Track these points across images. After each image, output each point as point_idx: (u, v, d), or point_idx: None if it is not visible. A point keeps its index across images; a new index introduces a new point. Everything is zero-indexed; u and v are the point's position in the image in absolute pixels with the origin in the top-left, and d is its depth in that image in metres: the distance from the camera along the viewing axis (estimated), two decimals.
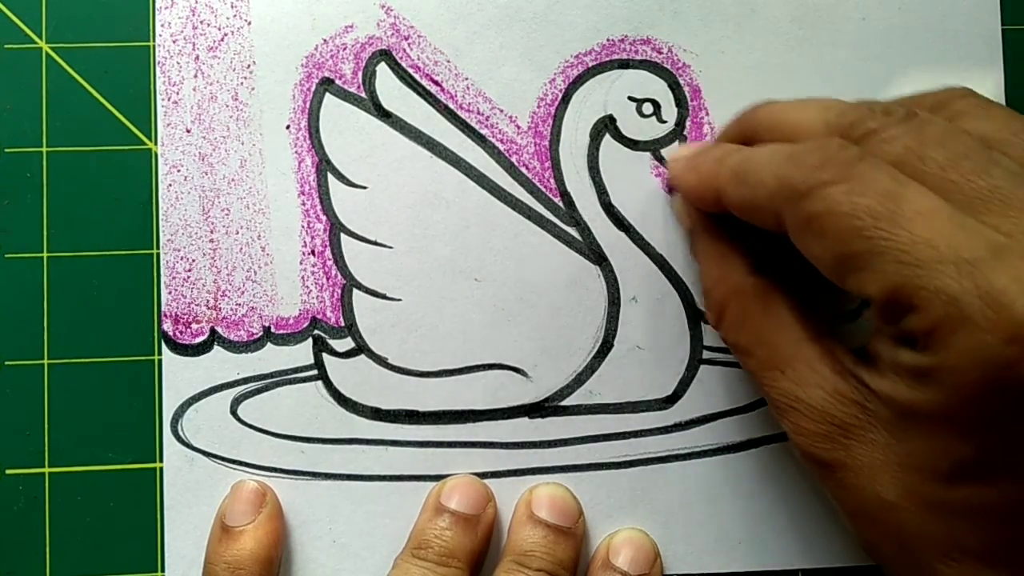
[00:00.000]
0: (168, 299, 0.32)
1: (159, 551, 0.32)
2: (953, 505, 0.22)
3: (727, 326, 0.28)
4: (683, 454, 0.32)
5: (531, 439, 0.32)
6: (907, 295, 0.21)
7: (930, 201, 0.21)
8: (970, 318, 0.20)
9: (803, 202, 0.23)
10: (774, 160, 0.24)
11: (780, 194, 0.24)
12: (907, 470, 0.22)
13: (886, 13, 0.33)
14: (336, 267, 0.32)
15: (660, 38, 0.33)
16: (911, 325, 0.21)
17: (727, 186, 0.26)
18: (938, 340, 0.21)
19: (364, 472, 0.32)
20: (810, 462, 0.25)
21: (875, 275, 0.22)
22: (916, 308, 0.21)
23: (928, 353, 0.21)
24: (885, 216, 0.21)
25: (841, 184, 0.22)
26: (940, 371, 0.21)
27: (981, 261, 0.20)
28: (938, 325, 0.21)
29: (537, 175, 0.32)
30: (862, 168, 0.22)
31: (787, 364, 0.25)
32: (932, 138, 0.23)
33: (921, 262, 0.21)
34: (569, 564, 0.30)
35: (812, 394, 0.24)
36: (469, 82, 0.33)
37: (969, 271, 0.20)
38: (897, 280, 0.21)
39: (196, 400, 0.32)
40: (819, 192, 0.23)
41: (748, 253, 0.28)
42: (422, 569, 0.29)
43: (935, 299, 0.20)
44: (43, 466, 0.32)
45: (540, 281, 0.32)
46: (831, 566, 0.32)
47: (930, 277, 0.21)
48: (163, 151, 0.32)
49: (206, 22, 0.32)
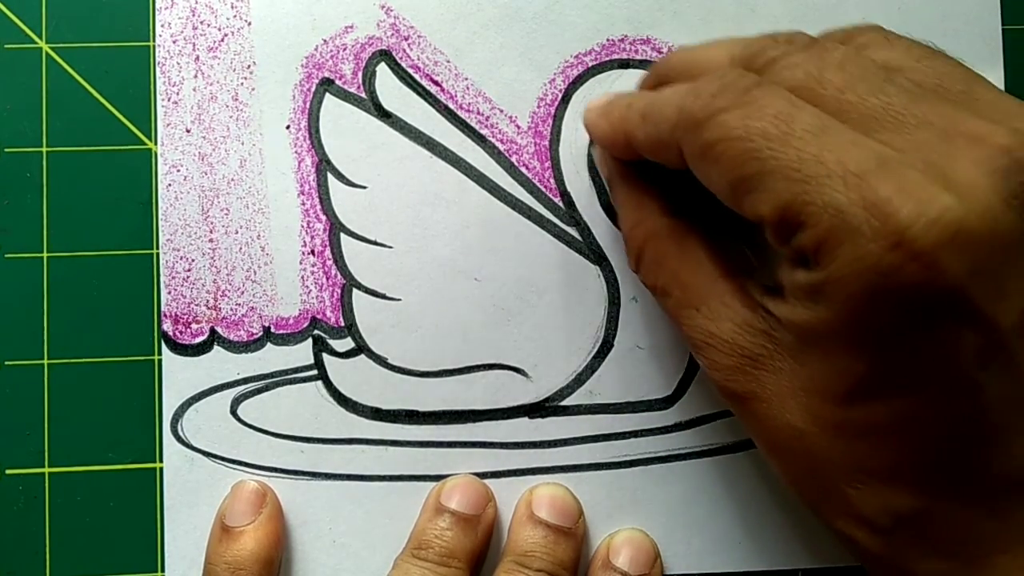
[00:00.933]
0: (168, 299, 0.32)
1: (159, 551, 0.32)
2: (854, 426, 0.22)
3: (645, 268, 0.28)
4: (683, 454, 0.32)
5: (531, 439, 0.32)
6: (796, 211, 0.21)
7: (822, 120, 0.22)
8: (855, 228, 0.20)
9: (700, 131, 0.23)
10: (676, 94, 0.25)
11: (680, 126, 0.24)
12: (810, 394, 0.23)
13: (886, 13, 0.33)
14: (336, 267, 0.32)
15: (660, 38, 0.33)
16: (801, 242, 0.21)
17: (635, 128, 0.27)
18: (826, 254, 0.21)
19: (364, 472, 0.32)
20: (727, 397, 0.25)
21: (766, 195, 0.22)
22: (804, 224, 0.21)
23: (818, 269, 0.21)
24: (776, 137, 0.22)
25: (736, 110, 0.22)
26: (828, 285, 0.21)
27: (868, 173, 0.20)
28: (826, 239, 0.21)
29: (537, 175, 0.32)
30: (757, 93, 0.23)
31: (702, 301, 0.26)
32: (831, 63, 0.23)
33: (809, 178, 0.21)
34: (569, 564, 0.30)
35: (724, 328, 0.25)
36: (469, 82, 0.33)
37: (856, 183, 0.20)
38: (786, 197, 0.21)
39: (196, 400, 0.32)
40: (715, 119, 0.23)
41: (663, 197, 0.28)
42: (422, 569, 0.29)
43: (822, 213, 0.21)
44: (43, 466, 0.32)
45: (540, 281, 0.32)
46: (831, 566, 0.32)
47: (818, 192, 0.21)
48: (163, 151, 0.32)
49: (206, 22, 0.32)
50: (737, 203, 0.23)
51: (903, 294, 0.20)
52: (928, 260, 0.20)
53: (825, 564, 0.32)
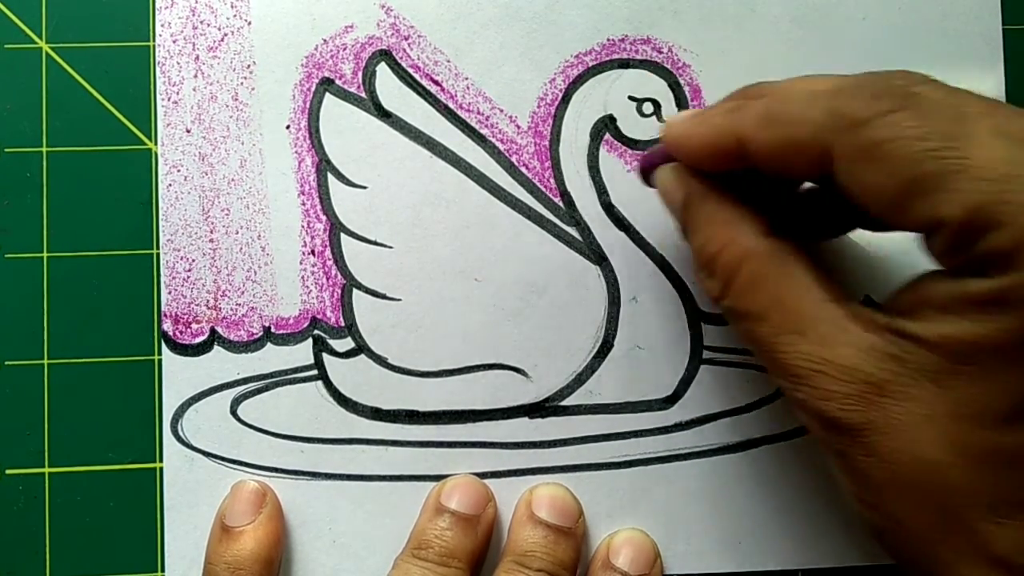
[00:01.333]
0: (168, 299, 0.32)
1: (159, 551, 0.32)
2: (1006, 452, 0.21)
3: (737, 292, 0.26)
4: (683, 454, 0.32)
5: (531, 439, 0.32)
6: (989, 211, 0.20)
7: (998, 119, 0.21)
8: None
9: (863, 130, 0.22)
10: (818, 97, 0.24)
11: (832, 127, 0.23)
12: (956, 420, 0.21)
13: (886, 13, 0.33)
14: (336, 267, 0.32)
15: (660, 38, 0.33)
16: (992, 244, 0.20)
17: (754, 131, 0.25)
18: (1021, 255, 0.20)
19: (364, 472, 0.32)
20: (835, 430, 0.23)
21: (951, 195, 0.21)
22: (1000, 224, 0.20)
23: (1010, 272, 0.20)
24: (958, 135, 0.21)
25: (908, 110, 0.22)
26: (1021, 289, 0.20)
27: None
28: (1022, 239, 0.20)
29: (537, 175, 0.32)
30: (923, 93, 0.22)
31: (809, 326, 0.24)
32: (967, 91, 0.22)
33: (1003, 177, 0.20)
34: (569, 564, 0.30)
35: (841, 352, 0.23)
36: (469, 82, 0.33)
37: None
38: (977, 198, 0.20)
39: (196, 400, 0.32)
40: (882, 119, 0.22)
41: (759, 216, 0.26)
42: (422, 569, 0.29)
43: (1021, 212, 0.20)
44: (43, 466, 0.32)
45: (540, 281, 0.32)
46: (831, 566, 0.32)
47: (1014, 191, 0.20)
48: (163, 151, 0.32)
49: (206, 22, 0.32)
50: (904, 208, 0.22)
51: None
52: None
53: (825, 564, 0.32)
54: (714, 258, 0.26)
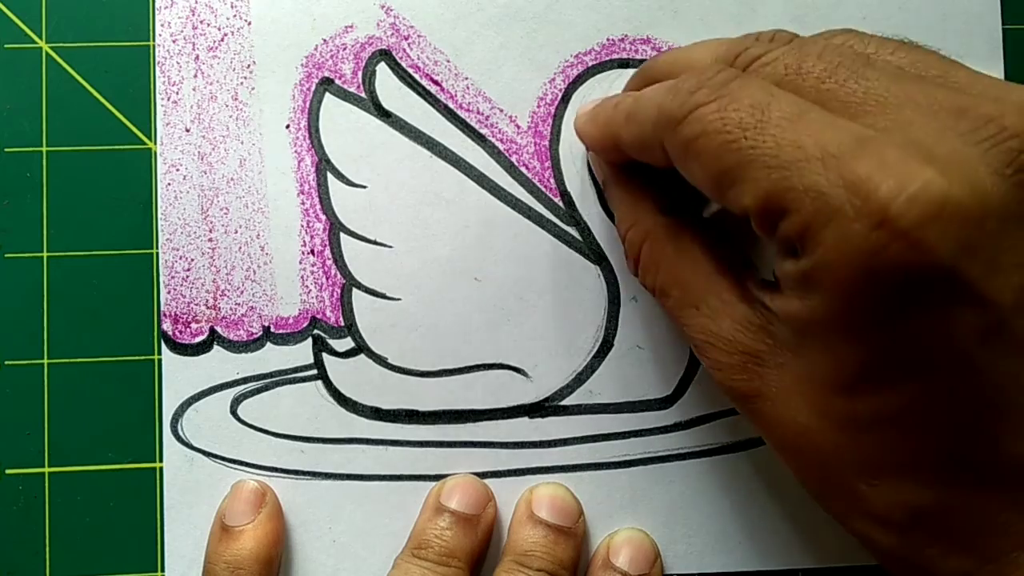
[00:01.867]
0: (167, 299, 0.32)
1: (159, 551, 0.32)
2: (860, 419, 0.22)
3: (643, 270, 0.28)
4: (683, 454, 0.32)
5: (531, 439, 0.32)
6: (778, 198, 0.21)
7: (800, 106, 0.21)
8: (837, 209, 0.20)
9: (679, 127, 0.23)
10: (656, 93, 0.25)
11: (660, 124, 0.24)
12: (813, 388, 0.22)
13: (886, 13, 0.33)
14: (336, 267, 0.32)
15: (660, 38, 0.33)
16: (786, 230, 0.21)
17: (620, 130, 0.26)
18: (811, 239, 0.20)
19: (364, 472, 0.32)
20: (732, 396, 0.25)
21: (747, 185, 0.21)
22: (787, 211, 0.21)
23: (806, 256, 0.21)
24: (753, 125, 0.21)
25: (713, 104, 0.22)
26: (817, 271, 0.20)
27: (847, 153, 0.20)
28: (809, 223, 0.20)
29: (537, 175, 0.32)
30: (735, 85, 0.22)
31: (700, 299, 0.25)
32: (811, 53, 0.23)
33: (789, 163, 0.20)
34: (569, 564, 0.30)
35: (724, 326, 0.24)
36: (469, 82, 0.33)
37: (835, 163, 0.20)
38: (767, 185, 0.21)
39: (196, 400, 0.32)
40: (693, 114, 0.22)
41: (658, 197, 0.28)
42: (422, 569, 0.29)
43: (804, 197, 0.20)
44: (43, 466, 0.32)
45: (540, 281, 0.32)
46: (831, 566, 0.32)
47: (798, 176, 0.20)
48: (163, 151, 0.32)
49: (206, 22, 0.32)
50: (722, 197, 0.23)
51: (892, 274, 0.19)
52: (914, 237, 0.19)
53: (825, 564, 0.32)
54: (624, 238, 0.29)
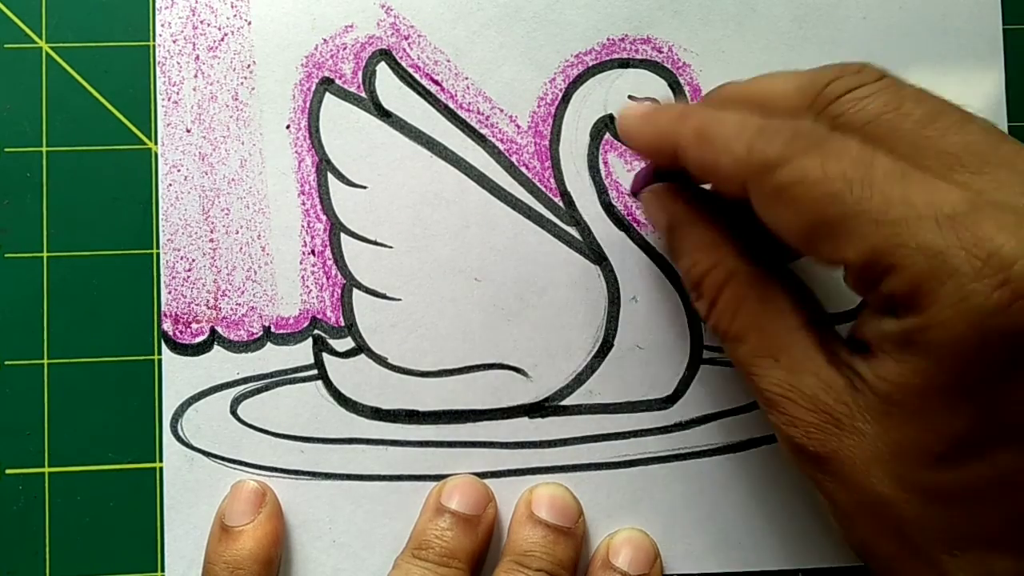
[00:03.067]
0: (168, 299, 0.32)
1: (159, 551, 0.32)
2: (950, 490, 0.21)
3: (720, 313, 0.27)
4: (683, 454, 0.32)
5: (531, 439, 0.32)
6: (886, 254, 0.20)
7: (902, 165, 0.21)
8: (956, 268, 0.19)
9: (774, 173, 0.23)
10: (745, 129, 0.24)
11: (749, 165, 0.23)
12: (898, 459, 0.22)
13: (887, 12, 0.33)
14: (336, 267, 0.32)
15: (660, 37, 0.33)
16: (891, 287, 0.21)
17: (689, 145, 0.26)
18: (922, 297, 0.20)
19: (364, 472, 0.32)
20: (802, 456, 0.24)
21: (851, 239, 0.21)
22: (896, 267, 0.20)
23: (912, 315, 0.20)
24: (858, 180, 0.21)
25: (815, 152, 0.22)
26: (926, 331, 0.20)
27: (962, 215, 0.20)
28: (921, 281, 0.20)
29: (537, 175, 0.32)
30: (833, 138, 0.22)
31: (782, 351, 0.25)
32: (908, 96, 0.23)
33: (899, 220, 0.20)
34: (569, 564, 0.30)
35: (806, 381, 0.24)
36: (469, 82, 0.33)
37: (950, 225, 0.20)
38: (875, 241, 0.21)
39: (196, 400, 0.32)
40: (792, 163, 0.22)
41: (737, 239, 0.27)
42: (422, 569, 0.29)
43: (916, 255, 0.20)
44: (43, 466, 0.32)
45: (540, 281, 0.32)
46: (831, 566, 0.32)
47: (910, 234, 0.20)
48: (163, 151, 0.32)
49: (206, 22, 0.32)
50: (813, 248, 0.22)
51: (1011, 335, 0.19)
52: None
53: (825, 564, 0.32)
54: (700, 281, 0.27)
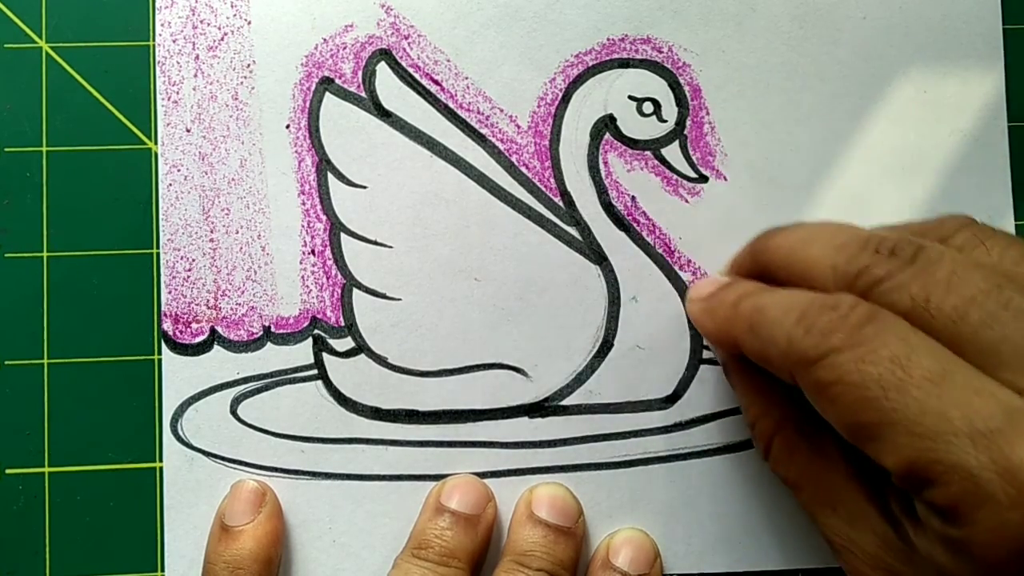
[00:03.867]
0: (168, 299, 0.32)
1: (159, 551, 0.32)
2: None
3: (774, 460, 0.27)
4: (683, 454, 0.32)
5: (531, 439, 0.32)
6: (923, 469, 0.20)
7: (939, 363, 0.21)
8: (991, 495, 0.19)
9: (813, 369, 0.22)
10: (786, 319, 0.24)
11: (790, 357, 0.23)
12: None
13: (887, 12, 0.33)
14: (336, 267, 0.32)
15: (660, 37, 0.33)
16: (932, 498, 0.21)
17: (742, 336, 0.26)
18: (962, 516, 0.20)
19: (364, 472, 0.32)
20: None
21: (889, 447, 0.21)
22: (934, 482, 0.20)
23: (955, 527, 0.20)
24: (894, 385, 0.21)
25: (849, 351, 0.22)
26: (968, 545, 0.20)
27: (997, 432, 0.19)
28: (959, 501, 0.20)
29: (537, 174, 0.32)
30: (870, 331, 0.22)
31: (839, 502, 0.25)
32: (939, 284, 0.22)
33: (934, 435, 0.20)
34: (569, 564, 0.30)
35: (864, 538, 0.24)
36: (469, 81, 0.33)
37: (985, 444, 0.19)
38: (911, 454, 0.20)
39: (196, 400, 0.32)
40: (828, 360, 0.22)
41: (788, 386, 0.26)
42: (422, 569, 0.29)
43: (952, 474, 0.20)
44: (43, 466, 0.32)
45: (540, 281, 0.32)
46: (831, 566, 0.32)
47: (945, 451, 0.20)
48: (163, 151, 0.32)
49: (206, 22, 0.32)
50: (860, 446, 0.22)
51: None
52: None
53: (825, 564, 0.32)
54: (752, 425, 0.28)
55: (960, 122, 0.33)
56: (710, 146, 0.33)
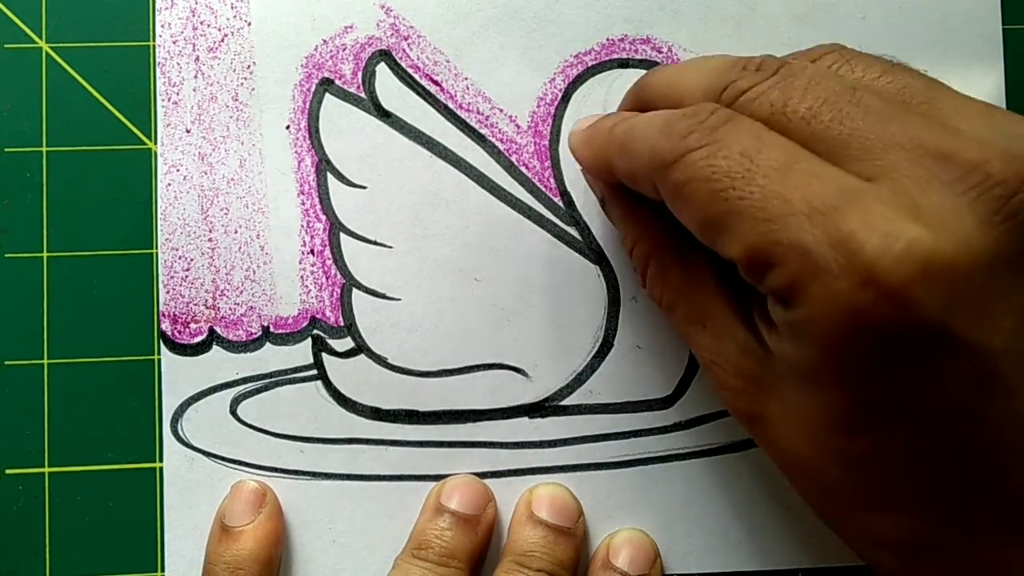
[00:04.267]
0: (167, 299, 0.32)
1: (159, 551, 0.32)
2: (858, 457, 0.22)
3: (650, 283, 0.28)
4: (683, 454, 0.32)
5: (531, 439, 0.32)
6: (764, 252, 0.21)
7: (786, 154, 0.21)
8: (823, 267, 0.19)
9: (670, 171, 0.23)
10: (650, 130, 0.24)
11: (652, 164, 0.24)
12: (812, 424, 0.22)
13: (886, 12, 0.33)
14: (335, 267, 0.32)
15: (660, 37, 0.33)
16: (772, 282, 0.21)
17: (614, 157, 0.26)
18: (799, 294, 0.20)
19: (364, 472, 0.32)
20: (737, 417, 0.25)
21: (734, 235, 0.21)
22: (774, 264, 0.21)
23: (794, 308, 0.21)
24: (740, 175, 0.21)
25: (703, 149, 0.22)
26: (805, 324, 0.20)
27: (833, 208, 0.20)
28: (796, 278, 0.20)
29: (537, 175, 0.32)
30: (725, 130, 0.22)
31: (707, 317, 0.25)
32: (796, 90, 0.22)
33: (775, 217, 0.20)
34: (569, 564, 0.30)
35: (728, 348, 0.24)
36: (469, 82, 0.33)
37: (821, 220, 0.20)
38: (753, 238, 0.21)
39: (196, 400, 0.32)
40: (683, 160, 0.22)
41: (660, 212, 0.27)
42: (422, 569, 0.29)
43: (790, 252, 0.20)
44: (43, 466, 0.32)
45: (540, 281, 0.32)
46: (831, 566, 0.32)
47: (784, 231, 0.20)
48: (163, 151, 0.32)
49: (206, 23, 0.32)
50: (710, 243, 0.23)
51: (879, 332, 0.19)
52: (901, 297, 0.19)
53: (825, 564, 0.32)
54: (630, 252, 0.29)
55: None
56: None
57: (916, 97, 0.22)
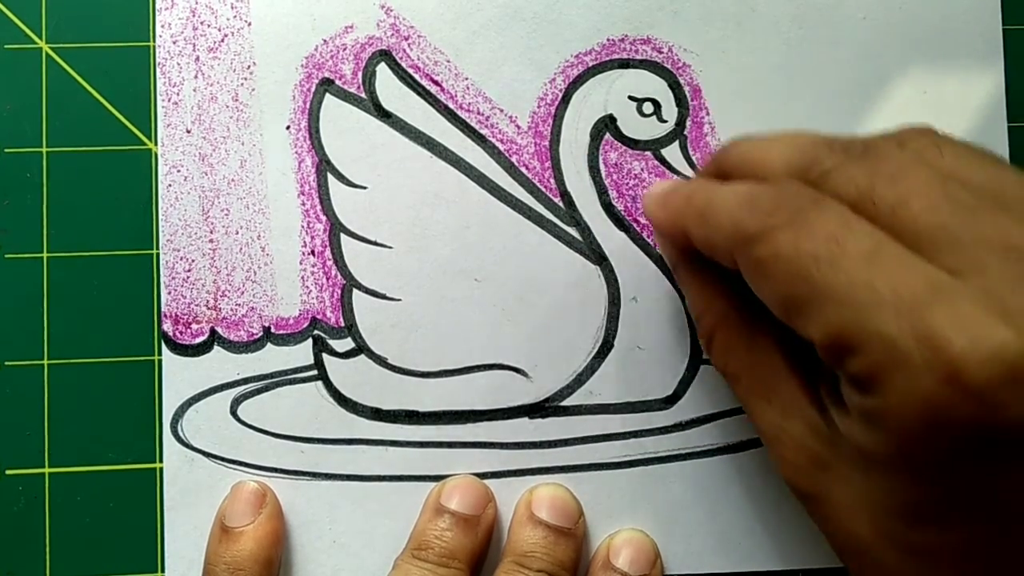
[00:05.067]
0: (168, 299, 0.32)
1: (159, 551, 0.32)
2: (922, 548, 0.22)
3: (716, 354, 0.28)
4: (683, 454, 0.32)
5: (531, 439, 0.32)
6: (846, 338, 0.21)
7: (873, 241, 0.21)
8: (907, 360, 0.19)
9: (753, 246, 0.23)
10: (732, 202, 0.24)
11: (733, 237, 0.24)
12: (876, 509, 0.22)
13: (886, 12, 0.33)
14: (336, 267, 0.32)
15: (660, 37, 0.33)
16: (852, 368, 0.21)
17: (692, 225, 0.26)
18: (879, 383, 0.20)
19: (364, 472, 0.32)
20: (796, 494, 0.25)
21: (816, 319, 0.21)
22: (855, 351, 0.21)
23: (871, 396, 0.21)
24: (827, 259, 0.21)
25: (788, 229, 0.22)
26: (882, 412, 0.20)
27: (920, 302, 0.20)
28: (877, 368, 0.20)
29: (537, 175, 0.32)
30: (812, 212, 0.22)
31: (772, 393, 0.25)
32: (883, 176, 0.22)
33: (860, 305, 0.20)
34: (569, 565, 0.30)
35: (793, 426, 0.24)
36: (469, 82, 0.33)
37: (907, 312, 0.20)
38: (836, 323, 0.21)
39: (196, 400, 0.32)
40: (767, 237, 0.22)
41: (730, 281, 0.27)
42: (422, 570, 0.29)
43: (873, 342, 0.20)
44: (43, 466, 0.32)
45: (540, 281, 0.32)
46: (831, 566, 0.32)
47: (869, 319, 0.20)
48: (163, 151, 0.32)
49: (206, 23, 0.32)
50: (790, 321, 0.23)
51: (959, 430, 0.19)
52: (985, 398, 0.19)
53: (825, 564, 0.32)
54: (697, 321, 0.29)
55: (960, 122, 0.33)
56: (710, 146, 0.33)
57: (1007, 192, 0.22)
